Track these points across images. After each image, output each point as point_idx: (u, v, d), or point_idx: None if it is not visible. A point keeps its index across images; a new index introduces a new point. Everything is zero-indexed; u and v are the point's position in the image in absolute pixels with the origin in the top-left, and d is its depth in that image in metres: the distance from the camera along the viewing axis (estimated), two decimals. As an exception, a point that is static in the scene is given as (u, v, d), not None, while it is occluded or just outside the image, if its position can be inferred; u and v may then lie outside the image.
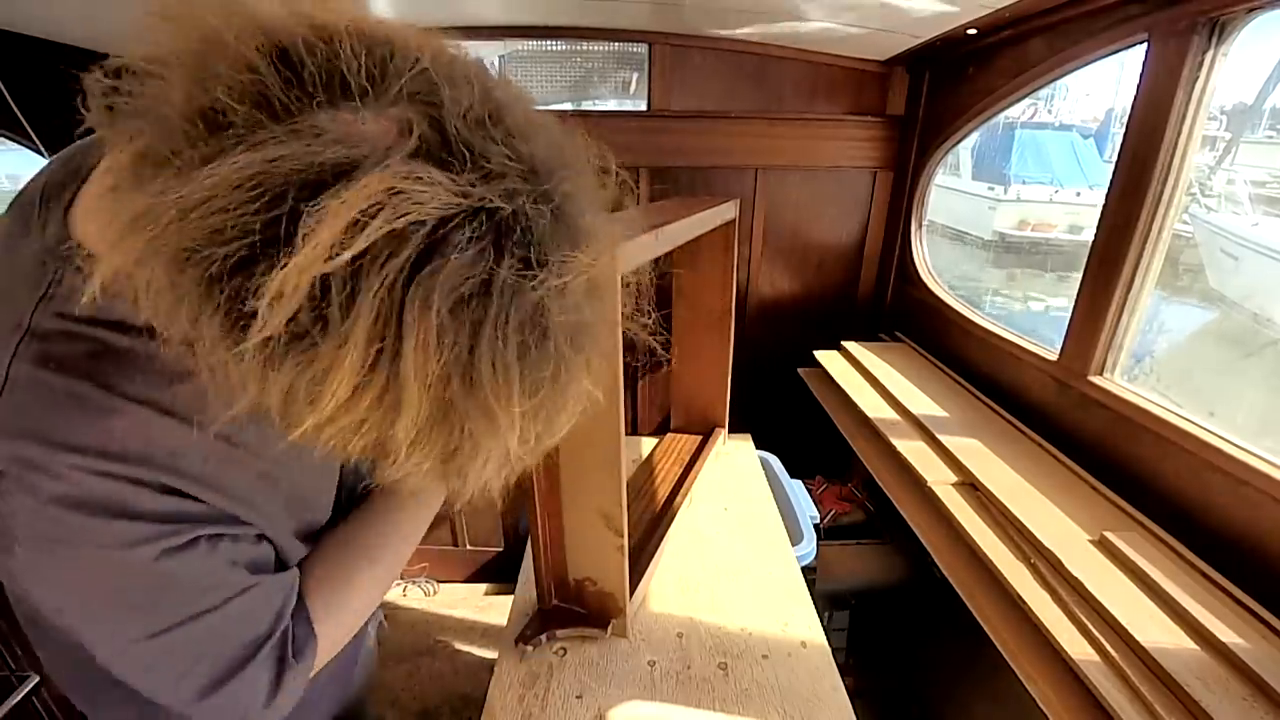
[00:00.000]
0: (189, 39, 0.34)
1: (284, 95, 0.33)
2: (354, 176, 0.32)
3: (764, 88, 2.03)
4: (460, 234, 0.33)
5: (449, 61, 0.37)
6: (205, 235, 0.31)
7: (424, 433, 0.37)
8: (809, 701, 0.92)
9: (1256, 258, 6.95)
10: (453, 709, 2.09)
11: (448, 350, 0.34)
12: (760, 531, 1.31)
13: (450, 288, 0.33)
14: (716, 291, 1.49)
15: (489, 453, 0.39)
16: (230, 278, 0.32)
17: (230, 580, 0.53)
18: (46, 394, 0.45)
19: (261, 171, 0.31)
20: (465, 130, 0.35)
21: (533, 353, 0.37)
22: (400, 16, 1.77)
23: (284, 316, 0.32)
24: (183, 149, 0.32)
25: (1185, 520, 1.12)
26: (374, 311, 0.32)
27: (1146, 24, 1.20)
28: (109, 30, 1.64)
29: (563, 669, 0.97)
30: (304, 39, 0.34)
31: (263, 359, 0.33)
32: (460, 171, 0.34)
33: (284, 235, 0.31)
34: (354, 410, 0.35)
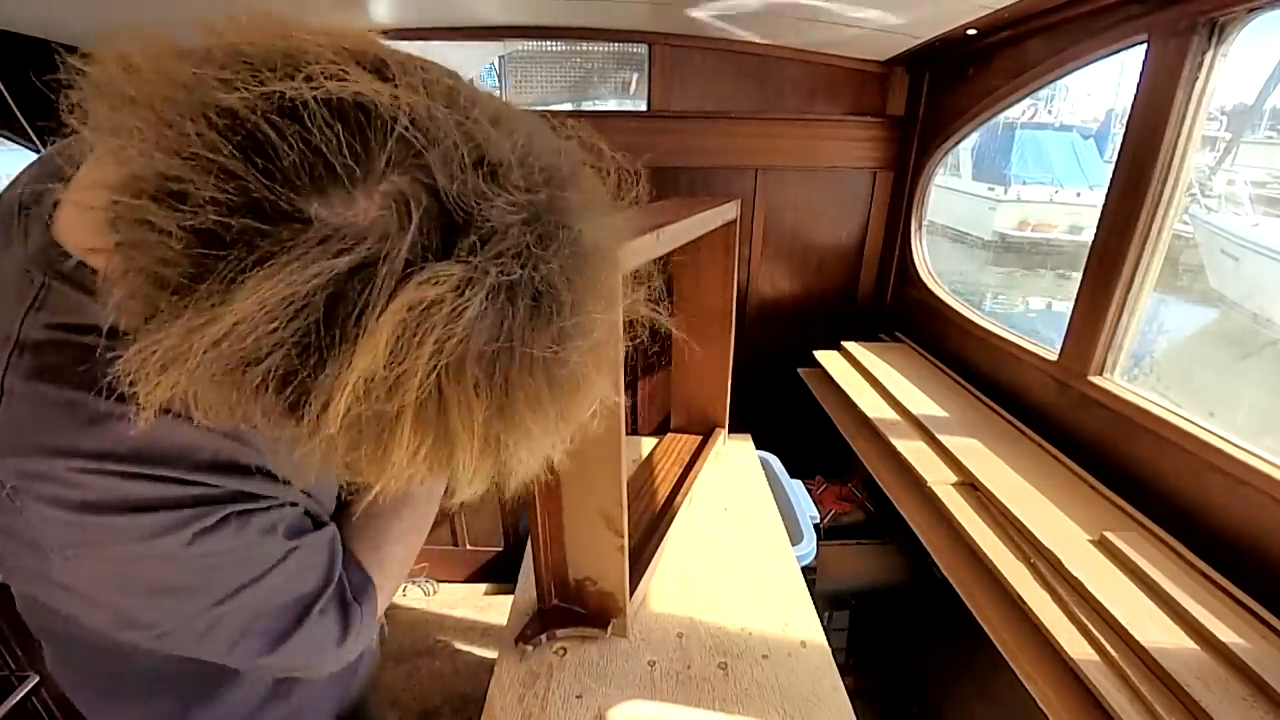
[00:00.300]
0: (154, 125, 0.33)
1: (270, 195, 0.32)
2: (372, 277, 0.33)
3: (764, 88, 2.03)
4: (480, 307, 0.35)
5: (422, 107, 0.35)
6: (239, 359, 0.33)
7: (479, 466, 0.41)
8: (809, 701, 0.92)
9: (1257, 258, 6.95)
10: (453, 709, 2.09)
11: (485, 399, 0.37)
12: (760, 531, 1.31)
13: (477, 355, 0.36)
14: (717, 291, 1.49)
15: (530, 462, 0.44)
16: (274, 389, 0.35)
17: (268, 550, 0.54)
18: (42, 405, 0.45)
19: (282, 295, 0.32)
20: (459, 188, 0.35)
21: (560, 381, 0.41)
22: (401, 17, 1.77)
23: (335, 422, 0.35)
24: (188, 280, 0.33)
25: (1185, 520, 1.12)
26: (420, 396, 0.35)
27: (1146, 24, 1.20)
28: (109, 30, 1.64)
29: (563, 669, 0.97)
30: (273, 124, 0.32)
31: (321, 447, 0.37)
32: (468, 252, 0.35)
33: (315, 345, 0.33)
34: (413, 465, 0.38)
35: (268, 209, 0.32)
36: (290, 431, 0.37)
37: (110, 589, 0.50)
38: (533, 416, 0.40)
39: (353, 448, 0.37)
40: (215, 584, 0.52)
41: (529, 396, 0.39)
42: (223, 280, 0.32)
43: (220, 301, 0.32)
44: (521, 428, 0.40)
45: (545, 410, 0.41)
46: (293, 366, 0.34)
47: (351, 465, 0.38)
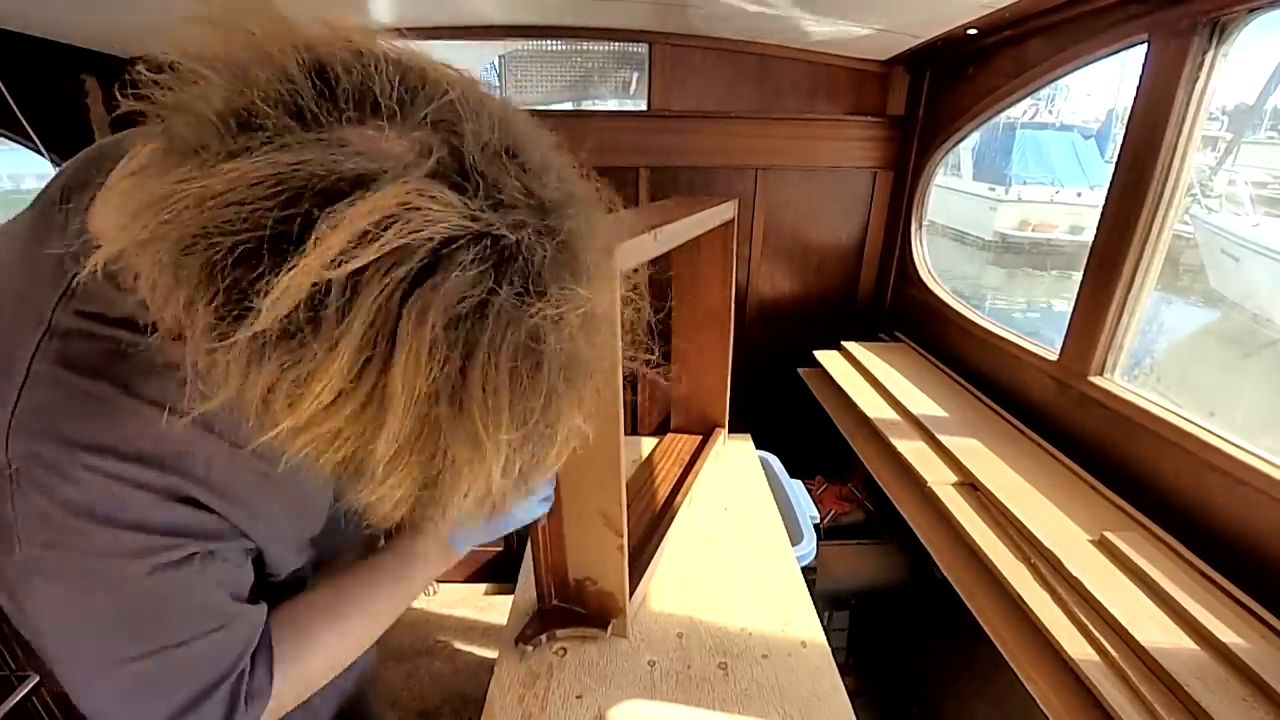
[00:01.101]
0: (232, 45, 0.36)
1: (316, 107, 0.34)
2: (371, 188, 0.33)
3: (764, 88, 2.03)
4: (464, 255, 0.34)
5: (477, 98, 0.39)
6: (218, 224, 0.32)
7: (404, 453, 0.37)
8: (809, 701, 0.92)
9: (1257, 258, 6.95)
10: (453, 709, 2.09)
11: (438, 367, 0.34)
12: (760, 531, 1.31)
13: (447, 305, 0.34)
14: (716, 291, 1.49)
15: (470, 483, 0.39)
16: (234, 268, 0.33)
17: (212, 605, 0.53)
18: (65, 393, 0.45)
19: (283, 172, 0.32)
20: (482, 160, 0.36)
21: (524, 380, 0.38)
22: (401, 17, 1.77)
23: (279, 313, 0.32)
24: (211, 144, 0.33)
25: (1185, 520, 1.12)
26: (369, 318, 0.33)
27: (1147, 24, 1.20)
28: (109, 30, 1.65)
29: (563, 669, 0.97)
30: (342, 58, 0.36)
31: (250, 353, 0.33)
32: (472, 196, 0.35)
33: (295, 235, 0.32)
34: (333, 418, 0.35)
35: (307, 116, 0.34)
36: (220, 338, 0.34)
37: (50, 606, 0.48)
38: (484, 414, 0.36)
39: (283, 367, 0.34)
40: (140, 633, 0.50)
41: (486, 385, 0.36)
42: (234, 148, 0.33)
43: (224, 161, 0.33)
44: (467, 427, 0.36)
45: (499, 413, 0.37)
46: (260, 250, 0.32)
47: (269, 399, 0.35)
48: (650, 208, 1.43)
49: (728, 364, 1.56)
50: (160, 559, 0.48)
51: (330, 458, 0.37)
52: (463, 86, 0.39)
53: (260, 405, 0.35)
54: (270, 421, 0.35)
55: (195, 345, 0.35)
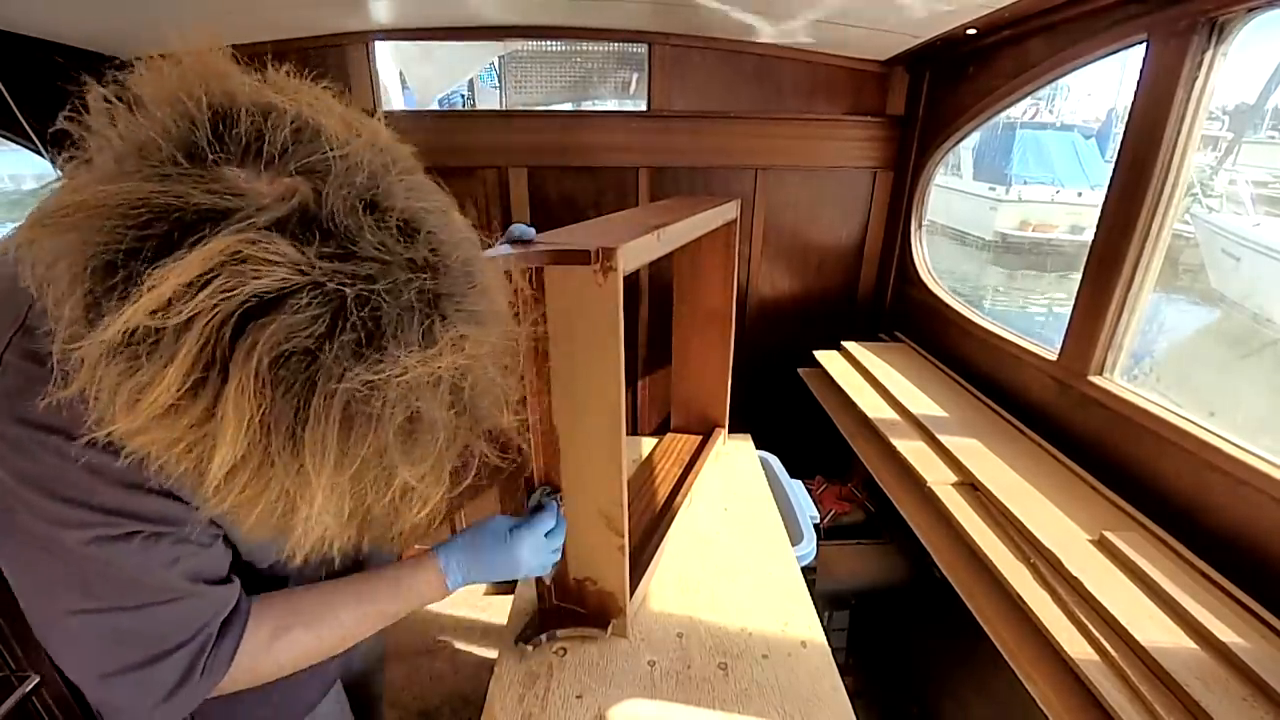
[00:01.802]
0: (165, 86, 0.41)
1: (207, 148, 0.39)
2: (217, 225, 0.36)
3: (764, 88, 2.03)
4: (297, 299, 0.37)
5: (361, 156, 0.42)
6: (85, 237, 0.37)
7: (239, 474, 0.39)
8: (809, 701, 0.92)
9: (1258, 258, 6.95)
10: (453, 709, 2.09)
11: (269, 402, 0.37)
12: (760, 531, 1.31)
13: (274, 343, 0.36)
14: (716, 291, 1.49)
15: (309, 517, 0.42)
16: (90, 276, 0.37)
17: (161, 582, 0.57)
18: (28, 381, 0.48)
19: (145, 198, 0.36)
20: (341, 211, 0.39)
21: (354, 433, 0.39)
22: (401, 17, 1.77)
23: (121, 329, 0.36)
24: (106, 168, 0.39)
25: (1185, 520, 1.12)
26: (199, 344, 0.36)
27: (1146, 24, 1.20)
28: (109, 30, 1.65)
29: (563, 669, 0.97)
30: (248, 108, 0.40)
31: (98, 355, 0.37)
32: (316, 246, 0.38)
33: (146, 257, 0.36)
34: (170, 426, 0.38)
35: (195, 152, 0.38)
36: (79, 334, 0.38)
37: (9, 560, 0.54)
38: (312, 454, 0.39)
39: (123, 374, 0.37)
40: (91, 592, 0.54)
41: (316, 427, 0.38)
42: (113, 176, 0.38)
43: (103, 184, 0.37)
44: (296, 460, 0.39)
45: (326, 455, 0.39)
46: (115, 264, 0.36)
47: (112, 397, 0.38)
48: (652, 207, 1.43)
49: (728, 364, 1.56)
50: (96, 533, 0.52)
51: (173, 462, 0.40)
52: (359, 143, 0.42)
53: (103, 403, 0.38)
54: (109, 418, 0.39)
55: (58, 339, 0.39)
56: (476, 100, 3.60)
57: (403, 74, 2.08)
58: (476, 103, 3.60)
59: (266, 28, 1.78)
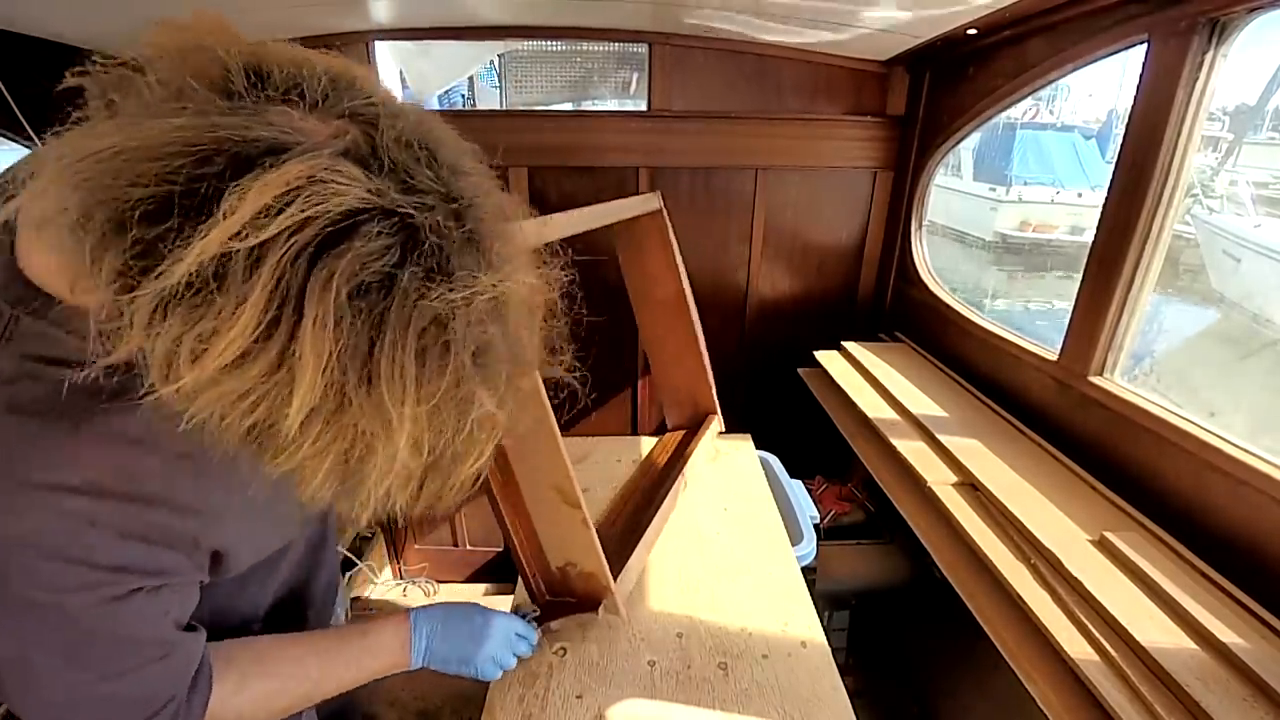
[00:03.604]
0: (181, 41, 0.39)
1: (244, 90, 0.37)
2: (281, 159, 0.34)
3: (764, 88, 2.03)
4: (370, 227, 0.36)
5: (398, 105, 0.42)
6: (130, 178, 0.33)
7: (316, 419, 0.37)
8: (809, 701, 0.92)
9: (1258, 259, 6.94)
10: (453, 709, 2.09)
11: (346, 336, 0.35)
12: (760, 531, 1.31)
13: (351, 272, 0.35)
14: (666, 281, 1.52)
15: (384, 461, 0.40)
16: (141, 221, 0.34)
17: (156, 636, 0.54)
18: (16, 435, 0.45)
19: (198, 134, 0.34)
20: (395, 148, 0.39)
21: (431, 361, 0.39)
22: (401, 17, 1.76)
23: (186, 270, 0.33)
24: (135, 111, 0.36)
25: (1185, 520, 1.12)
26: (274, 279, 0.34)
27: (1146, 24, 1.20)
28: (109, 30, 1.65)
29: (563, 669, 0.97)
30: (279, 59, 0.39)
31: (154, 306, 0.34)
32: (380, 177, 0.37)
33: (205, 194, 0.34)
34: (241, 377, 0.35)
35: (234, 95, 0.37)
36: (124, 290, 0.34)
37: (20, 644, 0.48)
38: (390, 388, 0.37)
39: (187, 323, 0.34)
40: (84, 660, 0.50)
41: (394, 359, 0.37)
42: (157, 112, 0.35)
43: (137, 123, 0.35)
44: (376, 400, 0.37)
45: (405, 387, 0.38)
46: (168, 208, 0.33)
47: (172, 353, 0.35)
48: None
49: (699, 347, 1.56)
50: (105, 593, 0.49)
51: (240, 420, 0.37)
52: (387, 95, 0.42)
53: (162, 360, 0.35)
54: (174, 375, 0.35)
55: (100, 298, 0.35)
56: (477, 100, 3.60)
57: (402, 73, 2.07)
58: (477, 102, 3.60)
59: (266, 28, 1.78)
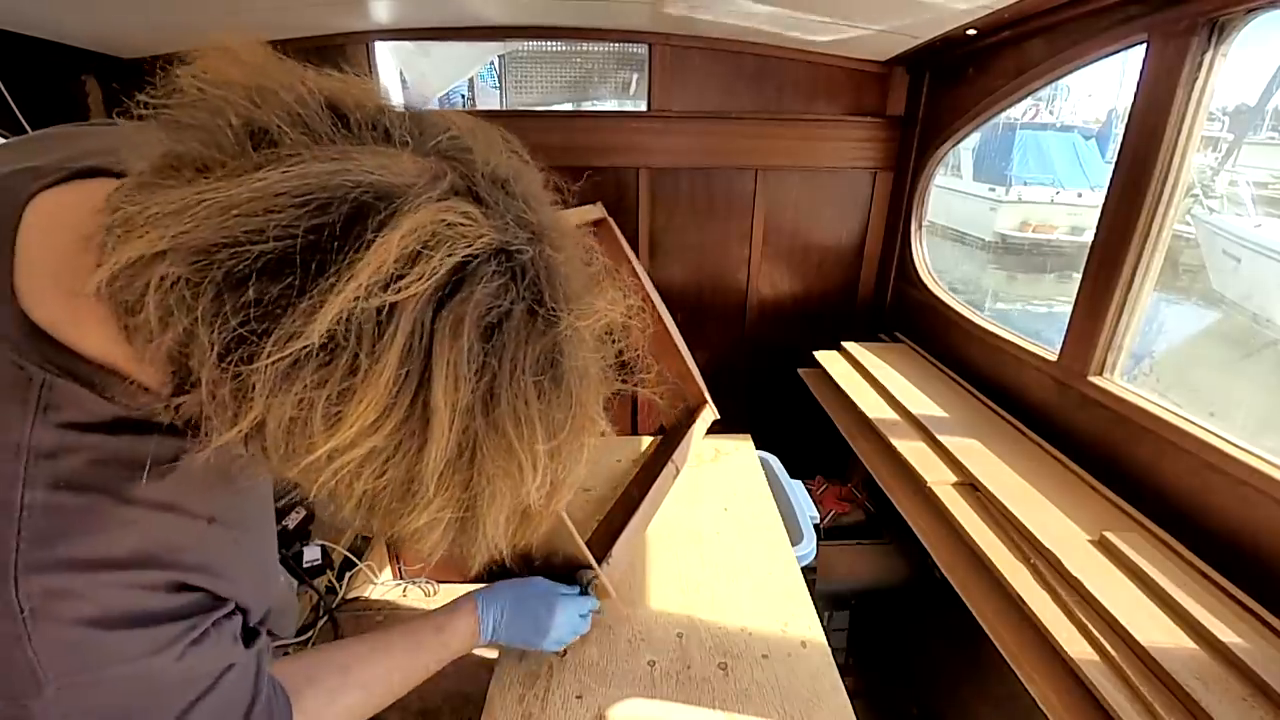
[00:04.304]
0: (246, 74, 0.37)
1: (330, 132, 0.36)
2: (394, 205, 0.33)
3: (764, 88, 2.04)
4: (485, 268, 0.35)
5: (474, 135, 0.41)
6: (243, 232, 0.31)
7: (450, 469, 0.37)
8: (809, 701, 0.92)
9: (1258, 259, 6.94)
10: (453, 709, 2.08)
11: (473, 381, 0.35)
12: (760, 531, 1.31)
13: (477, 316, 0.35)
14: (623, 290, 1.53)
15: (506, 499, 0.40)
16: (260, 278, 0.32)
17: (232, 654, 0.54)
18: (63, 517, 0.42)
19: (312, 182, 0.32)
20: (488, 185, 0.38)
21: (548, 393, 0.39)
22: (401, 17, 1.77)
23: (319, 330, 0.31)
24: (225, 157, 0.34)
25: (1185, 520, 1.12)
26: (408, 332, 0.33)
27: (1146, 24, 1.20)
28: (110, 30, 1.65)
29: (563, 669, 0.97)
30: (353, 96, 0.38)
31: (280, 371, 0.32)
32: (488, 216, 0.36)
33: (323, 249, 0.32)
34: (375, 436, 0.34)
35: (322, 137, 0.35)
36: (240, 360, 0.32)
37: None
38: (516, 426, 0.37)
39: (318, 384, 0.33)
40: (179, 698, 0.49)
41: (516, 397, 0.36)
42: (258, 160, 0.33)
43: (248, 173, 0.33)
44: (503, 436, 0.37)
45: (531, 424, 0.38)
46: (291, 259, 0.32)
47: (301, 421, 0.33)
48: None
49: (677, 345, 1.55)
50: (185, 641, 0.48)
51: (372, 480, 0.36)
52: (465, 124, 0.41)
53: (288, 428, 0.34)
54: (305, 446, 0.34)
55: (209, 371, 0.33)
56: (476, 100, 3.60)
57: (402, 73, 2.07)
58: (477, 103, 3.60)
59: (266, 28, 1.78)
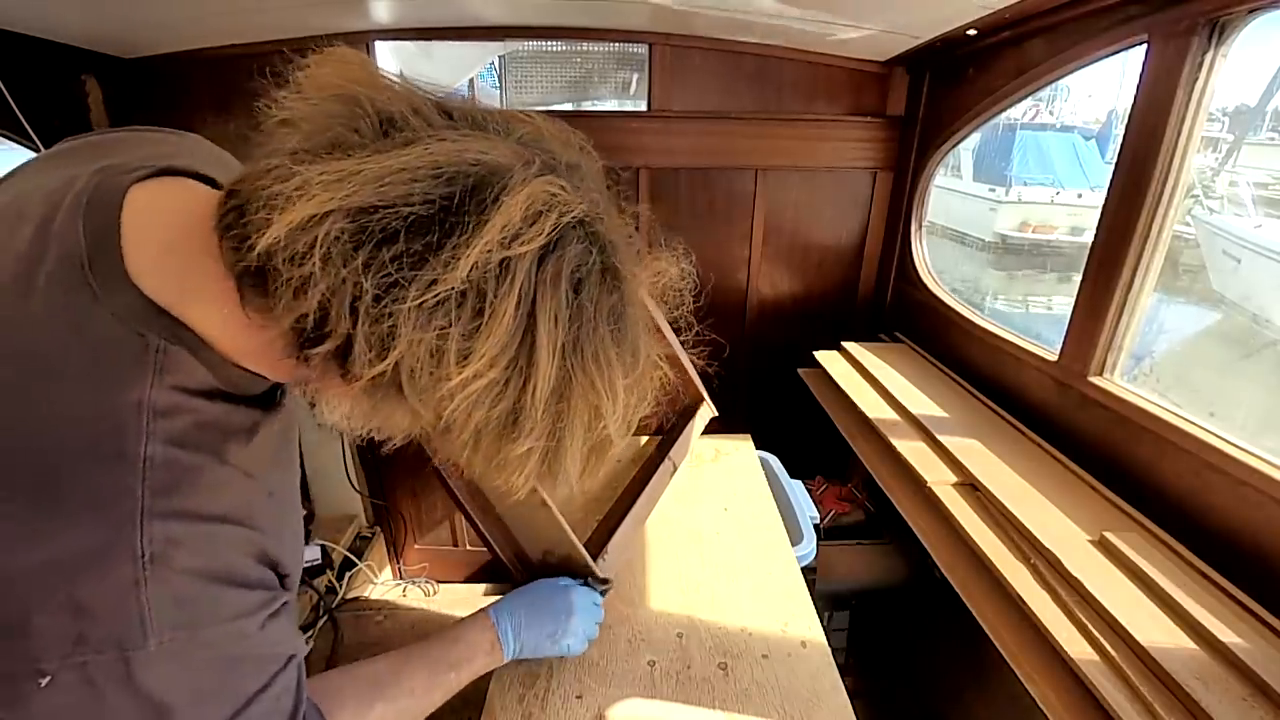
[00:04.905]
0: (360, 76, 0.46)
1: (441, 121, 0.44)
2: (507, 180, 0.41)
3: (764, 88, 2.03)
4: (573, 233, 0.43)
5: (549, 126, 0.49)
6: (397, 195, 0.39)
7: (548, 402, 0.44)
8: (809, 701, 0.92)
9: (1257, 259, 6.95)
10: (453, 709, 2.08)
11: (567, 324, 0.43)
12: (760, 531, 1.31)
13: (570, 272, 0.43)
14: None
15: (587, 431, 0.47)
16: (407, 234, 0.39)
17: (295, 642, 0.56)
18: (178, 471, 0.46)
19: (441, 159, 0.40)
20: (565, 170, 0.46)
21: (620, 339, 0.47)
22: (401, 17, 1.77)
23: (459, 277, 0.39)
24: (367, 140, 0.42)
25: (1185, 520, 1.12)
26: (522, 281, 0.41)
27: (1146, 25, 1.20)
28: (109, 30, 1.65)
29: (563, 669, 0.97)
30: (451, 102, 0.47)
31: (422, 313, 0.39)
32: (572, 191, 0.44)
33: (455, 209, 0.40)
34: (494, 370, 0.41)
35: (437, 126, 0.44)
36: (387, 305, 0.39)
37: (179, 689, 0.47)
38: (598, 366, 0.45)
39: (453, 323, 0.40)
40: (249, 684, 0.51)
41: (598, 338, 0.45)
42: (400, 140, 0.42)
43: (397, 148, 0.41)
44: (587, 374, 0.44)
45: (610, 364, 0.46)
46: (432, 220, 0.40)
47: (439, 355, 0.40)
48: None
49: (667, 344, 1.54)
50: (267, 611, 0.52)
51: (489, 410, 0.43)
52: (537, 122, 0.49)
53: (428, 363, 0.41)
54: (443, 376, 0.41)
55: (365, 312, 0.40)
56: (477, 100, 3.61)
57: (403, 73, 2.07)
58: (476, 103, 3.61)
59: (267, 28, 1.78)
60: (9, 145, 1.55)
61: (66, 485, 0.43)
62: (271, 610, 0.52)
